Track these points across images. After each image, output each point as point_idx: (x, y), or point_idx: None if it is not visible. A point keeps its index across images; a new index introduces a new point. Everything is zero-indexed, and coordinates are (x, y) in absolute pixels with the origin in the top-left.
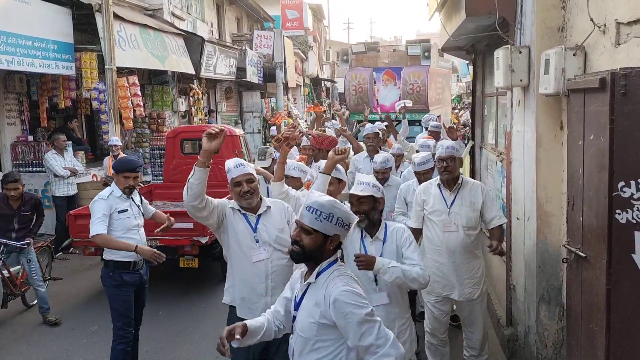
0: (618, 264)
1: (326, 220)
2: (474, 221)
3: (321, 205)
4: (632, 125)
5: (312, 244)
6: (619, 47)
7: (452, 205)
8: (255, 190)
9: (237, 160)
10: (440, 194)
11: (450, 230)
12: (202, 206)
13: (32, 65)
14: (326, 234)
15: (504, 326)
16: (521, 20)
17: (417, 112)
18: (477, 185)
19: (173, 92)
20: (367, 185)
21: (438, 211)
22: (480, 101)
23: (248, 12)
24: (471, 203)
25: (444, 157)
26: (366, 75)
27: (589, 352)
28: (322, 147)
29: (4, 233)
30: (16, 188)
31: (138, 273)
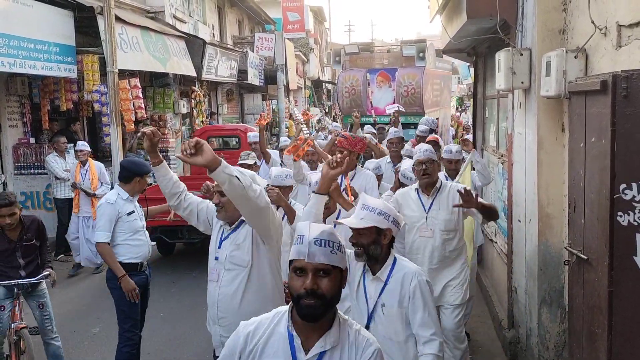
0: (620, 266)
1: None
2: (452, 224)
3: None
4: (633, 128)
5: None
6: (620, 50)
7: (429, 210)
8: (226, 206)
9: None
10: (418, 199)
11: (425, 236)
12: (176, 204)
13: (34, 67)
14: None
15: (505, 328)
16: (522, 23)
17: (412, 115)
18: (454, 187)
19: (174, 94)
20: (371, 212)
21: (415, 216)
22: (482, 103)
23: (249, 15)
24: (449, 206)
25: (423, 160)
26: (359, 77)
27: (591, 354)
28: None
29: (10, 274)
30: (12, 213)
31: (144, 274)
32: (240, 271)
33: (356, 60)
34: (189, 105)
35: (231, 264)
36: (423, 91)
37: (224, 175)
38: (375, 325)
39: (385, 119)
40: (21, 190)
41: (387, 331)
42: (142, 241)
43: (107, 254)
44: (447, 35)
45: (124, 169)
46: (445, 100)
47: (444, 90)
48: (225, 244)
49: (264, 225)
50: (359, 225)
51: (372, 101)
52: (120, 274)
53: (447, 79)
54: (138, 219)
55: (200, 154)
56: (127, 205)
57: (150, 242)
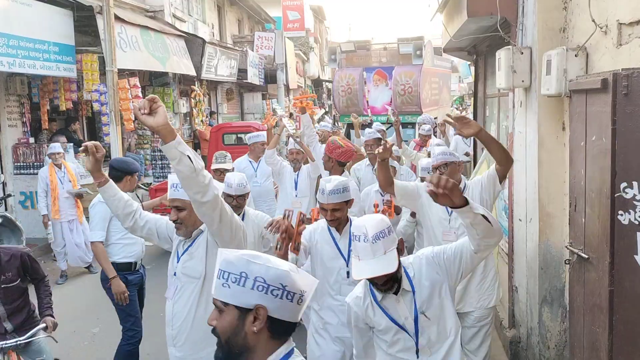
0: (620, 265)
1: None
2: None
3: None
4: (634, 126)
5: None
6: (620, 48)
7: (452, 212)
8: (185, 221)
9: (176, 178)
10: None
11: (449, 240)
12: (131, 225)
13: (33, 67)
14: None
15: (506, 328)
16: (523, 21)
17: (410, 114)
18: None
19: (174, 93)
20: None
21: (439, 219)
22: (482, 102)
23: (249, 14)
24: None
25: (436, 165)
26: (356, 75)
27: (592, 353)
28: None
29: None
30: None
31: (139, 273)
32: (193, 283)
33: (352, 59)
34: (188, 105)
35: (184, 275)
36: (420, 90)
37: (175, 151)
38: (426, 338)
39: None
40: (20, 190)
41: (439, 336)
42: (136, 240)
43: (100, 254)
44: (447, 34)
45: (114, 169)
46: (444, 99)
47: (443, 88)
48: (183, 258)
49: (212, 220)
50: (396, 259)
51: (369, 100)
52: (112, 275)
53: (446, 77)
54: None
55: (153, 115)
56: None
57: (144, 241)
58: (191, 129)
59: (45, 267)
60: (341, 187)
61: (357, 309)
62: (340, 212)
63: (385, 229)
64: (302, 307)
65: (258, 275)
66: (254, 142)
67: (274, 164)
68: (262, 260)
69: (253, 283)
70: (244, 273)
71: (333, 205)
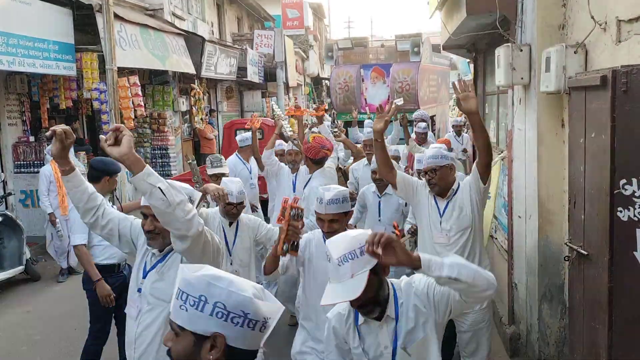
0: (620, 262)
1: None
2: (466, 220)
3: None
4: (633, 123)
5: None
6: (620, 45)
7: (444, 213)
8: (163, 231)
9: None
10: (434, 201)
11: (440, 242)
12: (92, 222)
13: (33, 65)
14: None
15: (506, 324)
16: (522, 18)
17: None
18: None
19: (174, 92)
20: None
21: (429, 221)
22: (482, 99)
23: (248, 12)
24: (463, 204)
25: (425, 170)
26: (353, 73)
27: (591, 350)
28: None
29: None
30: None
31: (122, 274)
32: (162, 307)
33: (350, 56)
34: (188, 103)
35: (153, 298)
36: (418, 87)
37: (144, 183)
38: None
39: None
40: (21, 189)
41: None
42: None
43: (83, 257)
44: (446, 32)
45: (93, 169)
46: (443, 96)
47: (442, 86)
48: (151, 275)
49: (193, 255)
50: (362, 284)
51: (367, 98)
52: (96, 278)
53: (445, 75)
54: None
55: (118, 145)
56: None
57: None
58: (191, 127)
59: (46, 266)
60: (341, 197)
61: (338, 325)
62: (338, 224)
63: (356, 249)
64: (264, 335)
65: (218, 301)
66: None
67: (271, 165)
68: (224, 283)
69: (212, 309)
70: (203, 297)
71: (332, 215)
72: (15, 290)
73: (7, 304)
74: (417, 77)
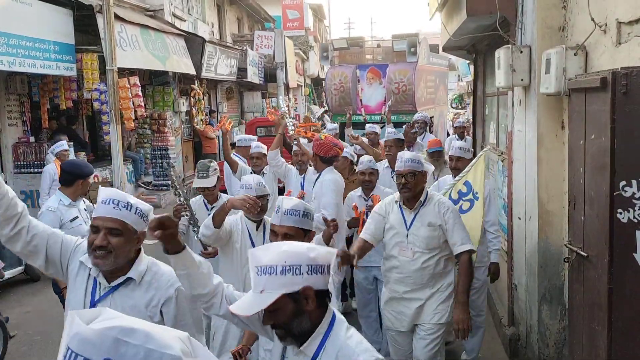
0: (620, 263)
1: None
2: (435, 241)
3: None
4: (633, 125)
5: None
6: (620, 47)
7: (410, 227)
8: (117, 249)
9: (112, 193)
10: (399, 213)
11: (405, 256)
12: (13, 235)
13: (34, 66)
14: None
15: (505, 326)
16: (522, 20)
17: (404, 114)
18: (442, 202)
19: (174, 92)
20: (270, 274)
21: (397, 233)
22: (482, 101)
23: (249, 13)
24: (430, 223)
25: (403, 172)
26: (348, 73)
27: (591, 351)
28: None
29: None
30: None
31: None
32: None
33: (345, 56)
34: (188, 104)
35: None
36: (415, 88)
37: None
38: None
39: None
40: (21, 189)
41: None
42: None
43: None
44: (446, 33)
45: (64, 172)
46: (441, 97)
47: (440, 87)
48: None
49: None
50: (262, 306)
51: (362, 99)
52: (63, 285)
53: (443, 76)
54: (84, 224)
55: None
56: (70, 211)
57: None
58: (191, 128)
59: None
60: (302, 211)
61: None
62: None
63: (278, 265)
64: None
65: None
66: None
67: (278, 166)
68: (138, 337)
69: None
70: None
71: (286, 229)
72: (15, 290)
73: (7, 304)
74: (414, 77)
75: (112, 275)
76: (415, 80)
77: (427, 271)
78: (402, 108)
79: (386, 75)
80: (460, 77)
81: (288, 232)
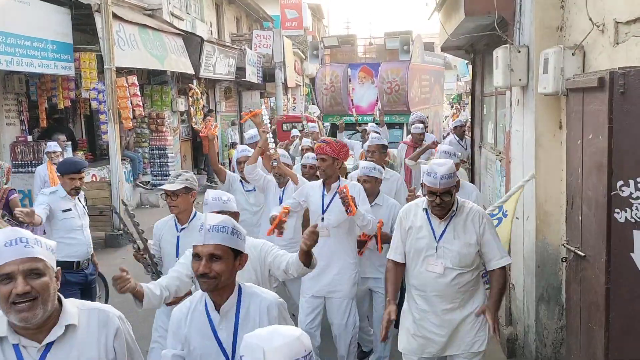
0: (617, 263)
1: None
2: (469, 258)
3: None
4: (630, 125)
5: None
6: (617, 47)
7: (441, 239)
8: (44, 294)
9: (9, 234)
10: (427, 222)
11: (434, 271)
12: None
13: (31, 65)
14: None
15: (503, 325)
16: (520, 20)
17: (397, 114)
18: (476, 212)
19: (172, 92)
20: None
21: (424, 245)
22: (480, 101)
23: (247, 12)
24: (465, 236)
25: (438, 191)
26: (339, 72)
27: (588, 351)
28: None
29: None
30: None
31: (83, 272)
32: None
33: (336, 55)
34: (186, 103)
35: None
36: (408, 87)
37: None
38: None
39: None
40: (19, 188)
41: None
42: (79, 240)
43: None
44: (445, 33)
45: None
46: (436, 97)
47: (435, 86)
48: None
49: None
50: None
51: (354, 99)
52: None
53: (439, 75)
54: (77, 217)
55: None
56: (64, 202)
57: (90, 242)
58: (189, 128)
59: None
60: (230, 227)
61: None
62: (219, 264)
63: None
64: None
65: None
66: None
67: (256, 180)
68: None
69: None
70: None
71: (212, 247)
72: None
73: None
74: (407, 76)
75: (36, 332)
76: (409, 79)
77: (460, 284)
78: (395, 108)
79: (378, 75)
80: (458, 77)
81: (214, 252)
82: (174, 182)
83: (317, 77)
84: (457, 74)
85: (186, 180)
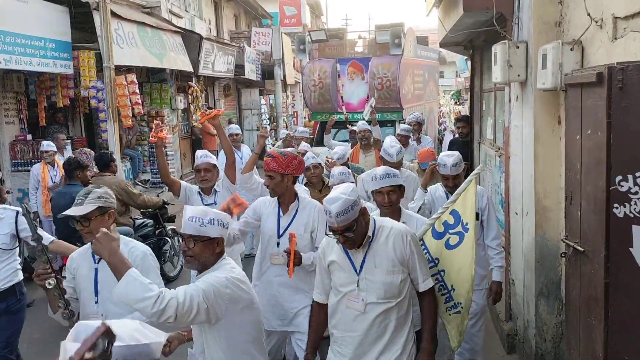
0: (616, 258)
1: None
2: (394, 288)
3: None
4: (629, 120)
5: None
6: (616, 42)
7: (361, 270)
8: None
9: None
10: (345, 253)
11: (355, 308)
12: None
13: (30, 64)
14: None
15: (503, 321)
16: (518, 15)
17: (389, 111)
18: (397, 232)
19: (171, 89)
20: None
21: (344, 280)
22: (479, 96)
23: (246, 9)
24: (387, 262)
25: (337, 229)
26: (328, 68)
27: (588, 345)
28: (288, 171)
29: None
30: None
31: None
32: None
33: (325, 49)
34: (186, 101)
35: None
36: (400, 83)
37: None
38: None
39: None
40: (18, 187)
41: None
42: None
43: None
44: (443, 29)
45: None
46: (430, 93)
47: (429, 82)
48: None
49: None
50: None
51: (343, 96)
52: None
53: (433, 70)
54: None
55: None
56: None
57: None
58: (189, 125)
59: None
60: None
61: None
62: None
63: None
64: None
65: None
66: None
67: (253, 189)
68: None
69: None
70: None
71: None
72: None
73: None
74: (399, 72)
75: None
76: (400, 74)
77: (385, 320)
78: (387, 105)
79: (369, 70)
80: (458, 73)
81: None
82: (82, 204)
83: (304, 73)
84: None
85: (99, 199)
